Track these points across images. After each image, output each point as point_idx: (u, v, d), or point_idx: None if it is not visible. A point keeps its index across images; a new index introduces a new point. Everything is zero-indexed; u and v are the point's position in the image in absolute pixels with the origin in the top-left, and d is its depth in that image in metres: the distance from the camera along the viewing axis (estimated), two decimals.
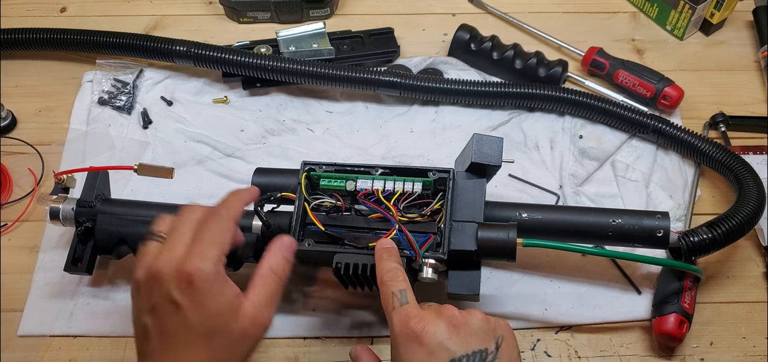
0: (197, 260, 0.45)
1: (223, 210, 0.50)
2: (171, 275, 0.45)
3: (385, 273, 0.50)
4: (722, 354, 0.63)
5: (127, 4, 0.91)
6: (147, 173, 0.61)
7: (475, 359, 0.45)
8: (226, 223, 0.49)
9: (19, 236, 0.70)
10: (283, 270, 0.50)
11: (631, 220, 0.58)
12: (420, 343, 0.45)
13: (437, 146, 0.76)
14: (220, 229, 0.48)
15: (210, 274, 0.45)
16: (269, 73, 0.76)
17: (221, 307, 0.45)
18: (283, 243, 0.51)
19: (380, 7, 0.91)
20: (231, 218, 0.50)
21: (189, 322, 0.45)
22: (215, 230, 0.48)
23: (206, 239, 0.47)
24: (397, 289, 0.49)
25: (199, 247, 0.46)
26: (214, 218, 0.49)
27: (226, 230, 0.48)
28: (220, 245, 0.47)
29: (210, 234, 0.47)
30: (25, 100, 0.80)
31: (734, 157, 0.69)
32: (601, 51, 0.81)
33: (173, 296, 0.45)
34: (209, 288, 0.45)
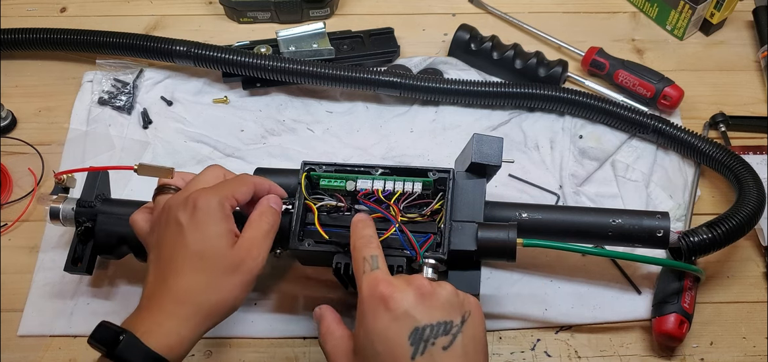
0: (206, 192, 0.51)
1: (247, 176, 0.55)
2: (179, 200, 0.51)
3: (358, 239, 0.50)
4: (722, 354, 0.63)
5: (127, 4, 0.91)
6: (147, 173, 0.61)
7: (439, 330, 0.45)
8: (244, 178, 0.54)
9: (19, 236, 0.70)
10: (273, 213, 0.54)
11: (631, 220, 0.58)
12: (386, 308, 0.45)
13: (437, 146, 0.76)
14: (236, 181, 0.53)
15: (214, 205, 0.50)
16: (269, 73, 0.76)
17: (219, 232, 0.49)
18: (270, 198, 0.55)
19: (380, 7, 0.91)
20: (251, 182, 0.54)
21: (186, 241, 0.49)
22: (231, 181, 0.53)
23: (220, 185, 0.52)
24: (369, 254, 0.49)
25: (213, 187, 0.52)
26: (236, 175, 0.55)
27: (242, 183, 0.53)
28: (231, 192, 0.52)
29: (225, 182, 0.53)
30: (25, 100, 0.80)
31: (734, 157, 0.69)
32: (601, 51, 0.81)
33: (178, 216, 0.50)
34: (210, 216, 0.49)
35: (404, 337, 0.44)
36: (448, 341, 0.45)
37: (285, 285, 0.66)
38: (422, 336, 0.44)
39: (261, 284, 0.66)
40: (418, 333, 0.44)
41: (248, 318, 0.64)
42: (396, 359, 0.44)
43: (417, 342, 0.44)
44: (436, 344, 0.44)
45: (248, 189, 0.53)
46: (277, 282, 0.66)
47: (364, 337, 0.46)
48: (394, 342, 0.44)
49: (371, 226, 0.52)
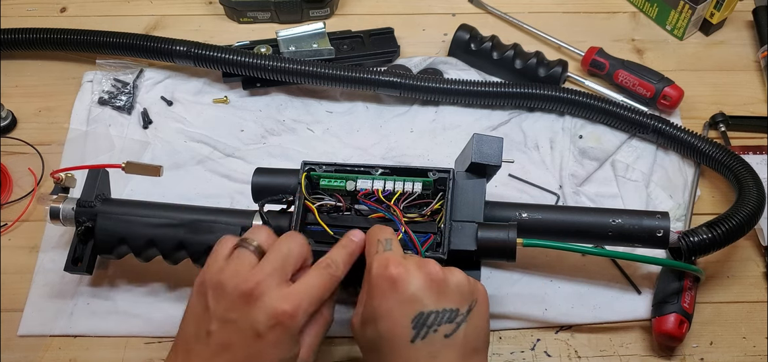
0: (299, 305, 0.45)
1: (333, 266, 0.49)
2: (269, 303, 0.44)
3: (372, 229, 0.50)
4: (722, 354, 0.63)
5: (127, 4, 0.91)
6: (135, 171, 0.61)
7: (443, 317, 0.45)
8: (332, 282, 0.48)
9: (19, 236, 0.70)
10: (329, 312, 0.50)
11: (631, 220, 0.58)
12: (394, 289, 0.45)
13: (437, 146, 0.76)
14: (325, 284, 0.47)
15: (299, 326, 0.45)
16: (269, 73, 0.76)
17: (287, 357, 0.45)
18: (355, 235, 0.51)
19: (380, 7, 0.91)
20: (336, 276, 0.49)
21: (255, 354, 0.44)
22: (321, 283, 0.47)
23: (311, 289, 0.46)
24: (384, 237, 0.48)
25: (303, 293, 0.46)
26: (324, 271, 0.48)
27: (329, 288, 0.48)
28: (318, 302, 0.47)
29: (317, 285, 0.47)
30: (25, 100, 0.80)
31: (734, 157, 0.69)
32: (601, 51, 0.81)
33: (258, 327, 0.44)
34: (290, 337, 0.45)
35: (408, 320, 0.44)
36: (451, 329, 0.44)
37: None
38: (426, 322, 0.44)
39: None
40: (422, 317, 0.44)
41: None
42: (395, 339, 0.44)
43: (419, 327, 0.44)
44: (438, 331, 0.44)
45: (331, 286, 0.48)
46: None
47: (370, 313, 0.46)
48: (396, 323, 0.44)
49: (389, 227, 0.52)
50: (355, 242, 0.52)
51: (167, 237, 0.59)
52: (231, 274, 0.46)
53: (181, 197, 0.71)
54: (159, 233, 0.59)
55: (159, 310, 0.64)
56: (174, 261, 0.61)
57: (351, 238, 0.52)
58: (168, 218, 0.60)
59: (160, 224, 0.60)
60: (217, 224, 0.59)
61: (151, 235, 0.60)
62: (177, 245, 0.60)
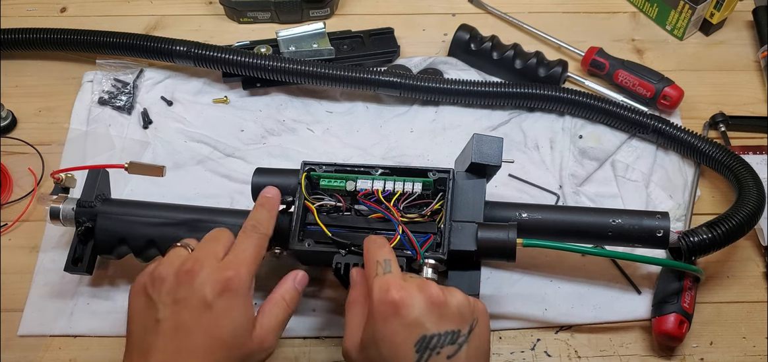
0: (237, 267, 0.47)
1: (259, 226, 0.52)
2: (209, 276, 0.46)
3: (371, 243, 0.50)
4: (722, 354, 0.63)
5: (127, 4, 0.91)
6: (138, 171, 0.61)
7: (445, 339, 0.45)
8: (261, 240, 0.51)
9: (19, 236, 0.70)
10: (292, 299, 0.52)
11: (631, 220, 0.58)
12: (397, 314, 0.45)
13: (437, 146, 0.76)
14: (255, 244, 0.50)
15: (246, 284, 0.47)
16: (269, 73, 0.76)
17: (242, 321, 0.46)
18: (296, 276, 0.53)
19: (380, 7, 0.91)
20: (266, 236, 0.51)
21: (210, 325, 0.45)
22: (252, 245, 0.50)
23: (243, 250, 0.49)
24: (382, 258, 0.48)
25: (240, 256, 0.48)
26: (251, 233, 0.50)
27: (261, 246, 0.50)
28: (255, 261, 0.49)
29: (249, 248, 0.49)
30: (25, 100, 0.80)
31: (734, 157, 0.69)
32: (601, 51, 0.81)
33: (207, 295, 0.45)
34: (240, 300, 0.46)
35: (411, 344, 0.44)
36: (453, 351, 0.45)
37: None
38: (429, 345, 0.44)
39: (261, 284, 0.66)
40: (425, 341, 0.44)
41: None
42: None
43: (422, 351, 0.44)
44: (440, 353, 0.44)
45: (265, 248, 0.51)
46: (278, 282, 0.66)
47: (371, 338, 0.46)
48: (400, 348, 0.44)
49: (384, 239, 0.52)
50: (269, 197, 0.55)
51: (167, 237, 0.59)
52: (167, 264, 0.48)
53: (181, 197, 0.71)
54: (159, 233, 0.59)
55: None
56: None
57: (265, 195, 0.55)
58: (168, 218, 0.60)
59: (160, 224, 0.60)
60: (217, 224, 0.59)
61: (151, 235, 0.60)
62: None
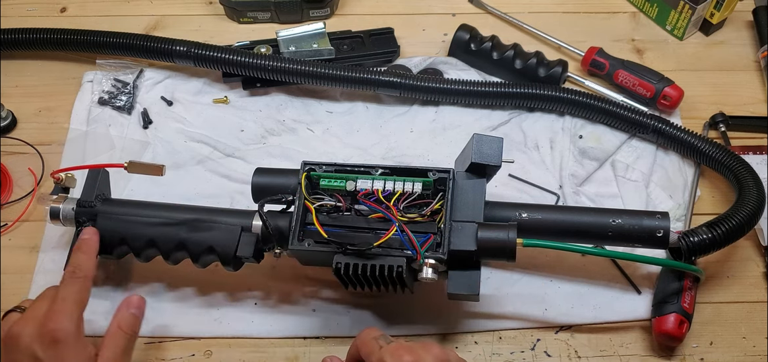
0: (60, 317, 0.49)
1: (78, 271, 0.53)
2: (34, 334, 0.48)
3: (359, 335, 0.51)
4: (722, 354, 0.63)
5: (127, 4, 0.91)
6: (138, 171, 0.61)
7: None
8: (82, 283, 0.53)
9: (19, 236, 0.70)
10: (131, 326, 0.53)
11: (631, 220, 0.58)
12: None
13: (437, 146, 0.76)
14: (77, 289, 0.52)
15: (72, 333, 0.48)
16: (269, 73, 0.76)
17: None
18: (130, 302, 0.54)
19: (380, 7, 0.91)
20: (87, 278, 0.53)
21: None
22: (74, 291, 0.51)
23: (68, 299, 0.50)
24: (378, 335, 0.50)
25: (62, 305, 0.50)
26: (72, 280, 0.52)
27: (83, 289, 0.52)
28: (79, 304, 0.51)
29: (70, 294, 0.51)
30: (25, 100, 0.80)
31: (734, 157, 0.69)
32: (601, 51, 0.81)
33: (37, 354, 0.47)
34: (71, 346, 0.48)
35: None
36: None
37: (285, 285, 0.66)
38: None
39: (261, 284, 0.66)
40: None
41: (248, 318, 0.64)
42: None
43: None
44: None
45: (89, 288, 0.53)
46: (277, 282, 0.66)
47: None
48: None
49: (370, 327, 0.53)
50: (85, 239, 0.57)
51: (167, 237, 0.60)
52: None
53: (181, 197, 0.71)
54: (159, 233, 0.60)
55: (159, 310, 0.64)
56: (174, 261, 0.61)
57: (82, 237, 0.57)
58: (168, 218, 0.60)
59: (160, 224, 0.60)
60: (217, 224, 0.59)
61: (151, 235, 0.60)
62: (177, 245, 0.60)
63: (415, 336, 0.63)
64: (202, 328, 0.64)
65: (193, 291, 0.65)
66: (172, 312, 0.64)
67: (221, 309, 0.65)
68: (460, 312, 0.64)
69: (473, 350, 0.63)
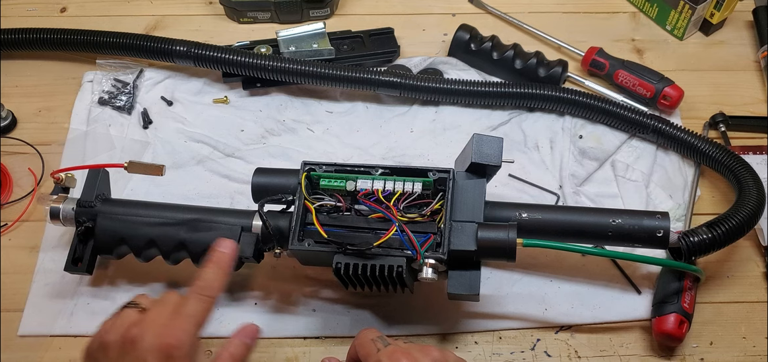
0: (179, 335, 0.47)
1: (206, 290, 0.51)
2: (151, 344, 0.46)
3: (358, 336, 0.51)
4: (722, 354, 0.63)
5: (127, 4, 0.91)
6: (137, 171, 0.61)
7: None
8: (208, 304, 0.50)
9: (19, 236, 0.70)
10: (241, 356, 0.51)
11: (631, 220, 0.58)
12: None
13: (437, 146, 0.76)
14: (203, 309, 0.50)
15: (188, 352, 0.47)
16: (269, 73, 0.76)
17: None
18: (246, 331, 0.52)
19: (380, 7, 0.91)
20: (213, 299, 0.51)
21: None
22: (198, 310, 0.49)
23: (189, 315, 0.48)
24: (376, 336, 0.49)
25: (181, 322, 0.48)
26: (199, 298, 0.50)
27: (207, 310, 0.50)
28: (200, 326, 0.49)
29: (192, 310, 0.49)
30: (25, 100, 0.80)
31: (734, 157, 0.69)
32: (601, 51, 0.81)
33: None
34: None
35: None
36: None
37: (285, 285, 0.66)
38: None
39: (261, 284, 0.66)
40: None
41: (248, 318, 0.64)
42: None
43: None
44: None
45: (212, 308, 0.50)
46: (277, 282, 0.66)
47: None
48: None
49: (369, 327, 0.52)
50: (225, 253, 0.53)
51: (167, 237, 0.60)
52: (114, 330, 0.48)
53: (181, 197, 0.71)
54: (159, 233, 0.60)
55: None
56: (174, 261, 0.61)
57: (220, 250, 0.53)
58: (168, 218, 0.60)
59: (160, 224, 0.60)
60: (217, 224, 0.59)
61: (151, 235, 0.60)
62: (177, 245, 0.60)
63: (415, 336, 0.63)
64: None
65: None
66: None
67: (221, 309, 0.65)
68: (460, 312, 0.64)
69: (473, 350, 0.63)
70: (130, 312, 0.50)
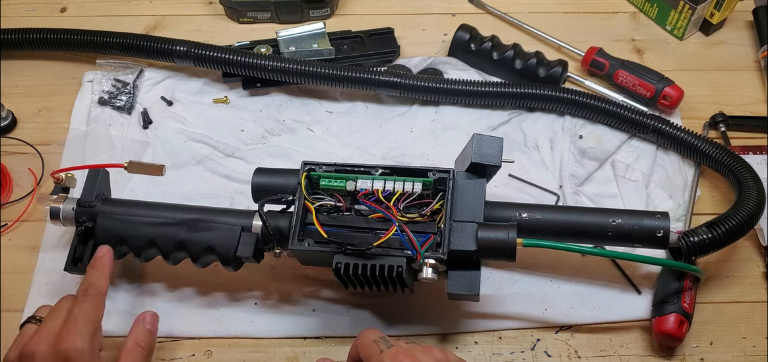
0: (73, 337, 0.49)
1: (91, 289, 0.54)
2: (47, 354, 0.49)
3: (360, 336, 0.51)
4: (722, 354, 0.63)
5: (127, 4, 0.91)
6: (137, 171, 0.61)
7: None
8: (96, 300, 0.53)
9: (19, 236, 0.70)
10: (148, 341, 0.54)
11: (631, 220, 0.58)
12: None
13: (437, 146, 0.76)
14: (91, 306, 0.53)
15: (85, 351, 0.48)
16: (269, 73, 0.76)
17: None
18: (146, 318, 0.56)
19: (380, 7, 0.91)
20: (101, 294, 0.54)
21: None
22: (87, 309, 0.52)
23: (80, 317, 0.51)
24: (378, 337, 0.50)
25: (74, 325, 0.50)
26: (85, 297, 0.53)
27: (96, 306, 0.53)
28: (93, 322, 0.52)
29: (83, 313, 0.51)
30: (25, 100, 0.80)
31: (734, 157, 0.69)
32: (601, 51, 0.81)
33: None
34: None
35: None
36: None
37: (285, 285, 0.66)
38: None
39: (261, 284, 0.66)
40: None
41: (248, 318, 0.64)
42: None
43: None
44: None
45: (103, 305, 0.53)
46: (277, 281, 0.66)
47: None
48: None
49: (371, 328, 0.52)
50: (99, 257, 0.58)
51: (167, 237, 0.60)
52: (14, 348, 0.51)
53: (181, 197, 0.71)
54: (159, 233, 0.60)
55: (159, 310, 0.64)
56: (174, 261, 0.61)
57: (96, 255, 0.58)
58: (168, 218, 0.60)
59: (160, 224, 0.60)
60: (217, 224, 0.59)
61: (151, 235, 0.60)
62: (177, 245, 0.60)
63: (415, 336, 0.63)
64: (202, 328, 0.63)
65: (193, 291, 0.65)
66: (172, 312, 0.64)
67: (221, 309, 0.65)
68: (460, 312, 0.64)
69: (473, 350, 0.63)
70: (30, 326, 0.53)
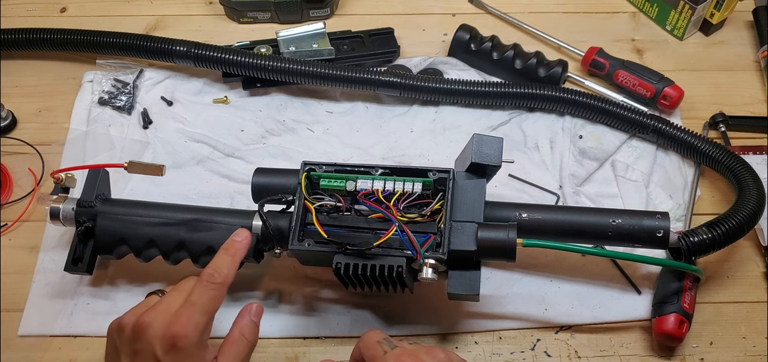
0: (185, 324, 0.48)
1: (216, 275, 0.52)
2: (158, 332, 0.48)
3: (363, 337, 0.51)
4: (722, 354, 0.63)
5: (127, 4, 0.91)
6: (137, 171, 0.61)
7: None
8: (217, 291, 0.51)
9: (19, 236, 0.70)
10: (252, 333, 0.53)
11: (631, 220, 0.58)
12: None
13: (437, 146, 0.76)
14: (210, 297, 0.51)
15: (194, 341, 0.48)
16: (269, 73, 0.76)
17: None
18: (251, 309, 0.54)
19: (380, 7, 0.91)
20: (224, 285, 0.52)
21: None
22: (206, 299, 0.50)
23: (198, 305, 0.49)
24: (382, 338, 0.50)
25: (189, 311, 0.49)
26: (208, 285, 0.51)
27: (216, 298, 0.51)
28: (208, 313, 0.50)
29: (201, 301, 0.50)
30: (25, 100, 0.80)
31: (734, 157, 0.69)
32: (601, 51, 0.81)
33: (156, 353, 0.47)
34: (191, 355, 0.48)
35: None
36: None
37: (285, 285, 0.66)
38: None
39: (261, 284, 0.66)
40: None
41: None
42: None
43: None
44: None
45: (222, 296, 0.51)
46: (277, 281, 0.66)
47: None
48: None
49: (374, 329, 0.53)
50: (237, 242, 0.55)
51: (167, 237, 0.60)
52: (132, 313, 0.51)
53: (181, 197, 0.71)
54: (159, 233, 0.60)
55: None
56: (174, 261, 0.61)
57: (234, 239, 0.55)
58: (168, 218, 0.60)
59: (160, 224, 0.60)
60: (217, 224, 0.59)
61: (151, 235, 0.60)
62: (177, 245, 0.60)
63: (414, 336, 0.63)
64: None
65: None
66: None
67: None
68: (460, 312, 0.64)
69: (473, 350, 0.63)
70: (153, 297, 0.53)
